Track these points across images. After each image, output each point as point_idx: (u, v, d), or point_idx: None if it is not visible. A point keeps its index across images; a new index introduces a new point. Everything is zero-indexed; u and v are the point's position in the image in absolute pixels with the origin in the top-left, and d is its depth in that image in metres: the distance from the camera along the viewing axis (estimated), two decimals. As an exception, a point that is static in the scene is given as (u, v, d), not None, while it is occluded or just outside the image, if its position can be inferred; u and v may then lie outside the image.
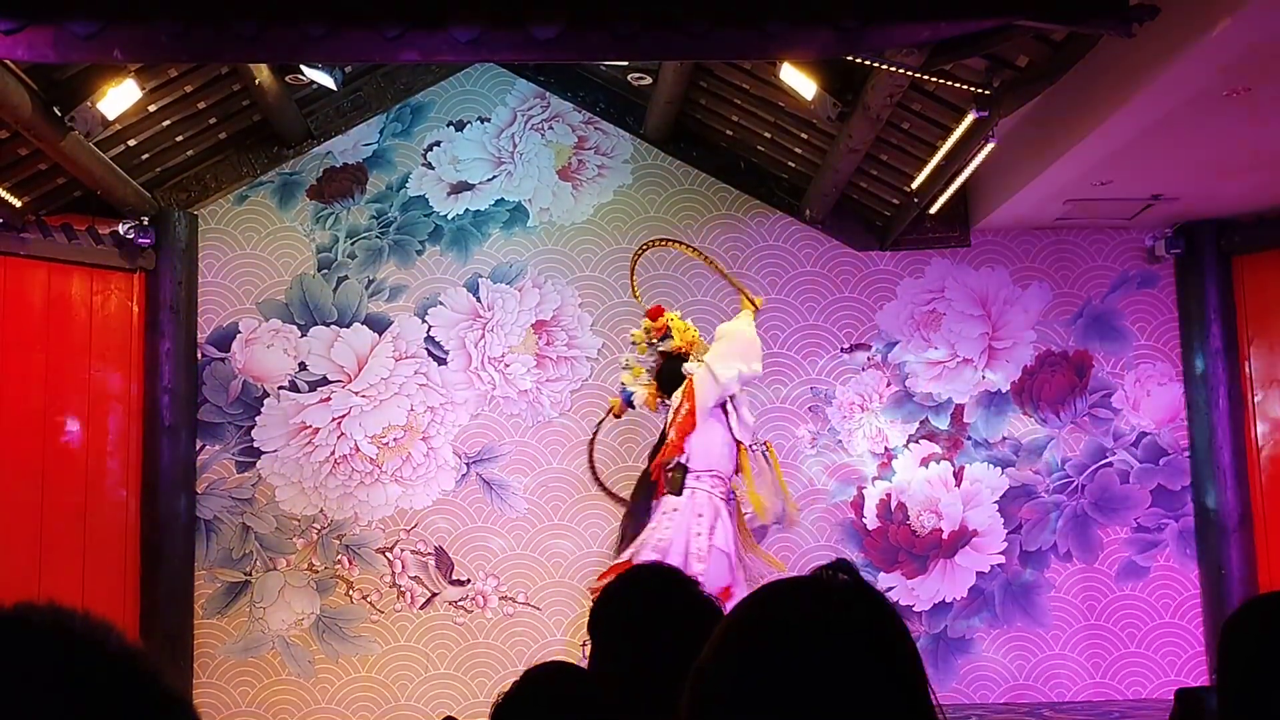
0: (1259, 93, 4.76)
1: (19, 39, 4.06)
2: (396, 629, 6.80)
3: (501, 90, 7.10)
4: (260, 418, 6.83)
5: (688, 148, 7.07)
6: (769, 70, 5.65)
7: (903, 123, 5.77)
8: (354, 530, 6.82)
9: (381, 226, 7.01)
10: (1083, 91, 5.11)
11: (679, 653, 2.11)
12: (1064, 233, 6.98)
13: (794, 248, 7.03)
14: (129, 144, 6.22)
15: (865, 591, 1.03)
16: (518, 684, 2.13)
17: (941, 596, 6.82)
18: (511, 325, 6.96)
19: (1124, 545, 6.86)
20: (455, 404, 6.89)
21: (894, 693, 0.98)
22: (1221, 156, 5.66)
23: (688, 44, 4.23)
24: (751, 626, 1.02)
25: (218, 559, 6.76)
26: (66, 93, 5.27)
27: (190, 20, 4.08)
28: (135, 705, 0.72)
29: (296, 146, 6.97)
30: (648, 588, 2.22)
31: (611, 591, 2.21)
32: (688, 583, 2.24)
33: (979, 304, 6.98)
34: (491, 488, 6.88)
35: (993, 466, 6.90)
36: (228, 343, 6.88)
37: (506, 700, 2.11)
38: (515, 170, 7.06)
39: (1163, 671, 6.78)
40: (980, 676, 6.79)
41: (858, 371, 6.94)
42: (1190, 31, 4.27)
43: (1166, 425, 6.91)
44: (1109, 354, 6.96)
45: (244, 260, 6.95)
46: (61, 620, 0.74)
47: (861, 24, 4.13)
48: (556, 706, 2.09)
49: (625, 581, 2.23)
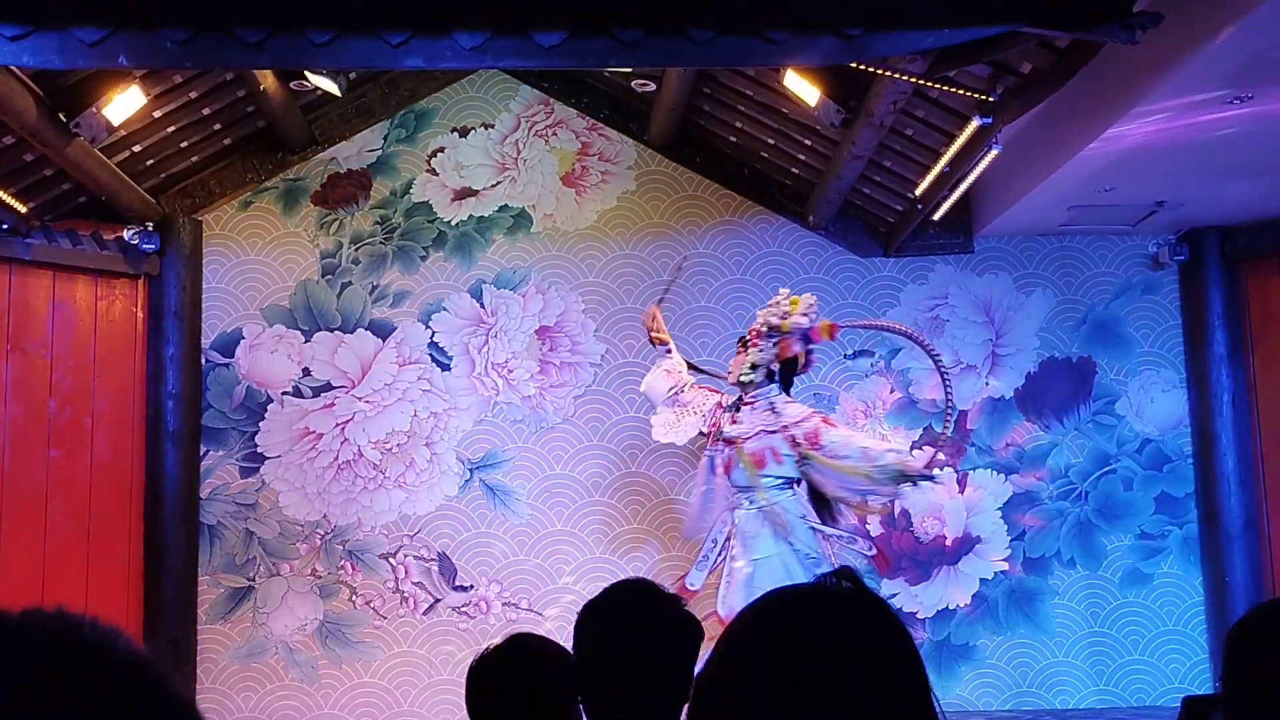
0: (1262, 99, 4.76)
1: (25, 45, 4.08)
2: (400, 635, 6.80)
3: (505, 96, 7.11)
4: (264, 423, 6.84)
5: (691, 154, 7.08)
6: (772, 77, 5.66)
7: (906, 129, 5.77)
8: (357, 536, 6.82)
9: (385, 232, 7.02)
10: (1086, 98, 5.11)
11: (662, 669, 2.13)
12: (1068, 239, 6.97)
13: (797, 254, 7.04)
14: (134, 150, 6.23)
15: (868, 599, 1.03)
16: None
17: (945, 603, 6.81)
18: (515, 331, 6.97)
19: (1128, 552, 6.85)
20: (459, 410, 6.90)
21: (897, 700, 0.98)
22: (1225, 163, 5.66)
23: (691, 51, 4.24)
24: (754, 635, 1.02)
25: (221, 564, 6.77)
26: (72, 99, 5.28)
27: (196, 27, 4.09)
28: (142, 711, 0.73)
29: (301, 152, 6.98)
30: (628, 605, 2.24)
31: (592, 611, 2.23)
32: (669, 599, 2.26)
33: (983, 310, 6.98)
34: (495, 493, 6.89)
35: (996, 473, 6.90)
36: (232, 348, 6.88)
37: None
38: (519, 176, 7.07)
39: (1166, 679, 6.77)
40: (984, 683, 6.78)
41: (861, 378, 6.94)
42: (1194, 38, 4.27)
43: (1170, 432, 6.90)
44: (1113, 360, 6.96)
45: (248, 266, 6.96)
46: (69, 626, 0.74)
47: (865, 31, 4.13)
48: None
49: (605, 600, 2.25)
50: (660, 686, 2.11)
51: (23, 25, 4.04)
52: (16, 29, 4.03)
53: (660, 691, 2.11)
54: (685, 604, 2.29)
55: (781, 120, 6.35)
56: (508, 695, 2.26)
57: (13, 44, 4.05)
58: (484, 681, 2.29)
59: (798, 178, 6.86)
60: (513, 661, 2.30)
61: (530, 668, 2.28)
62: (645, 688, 2.12)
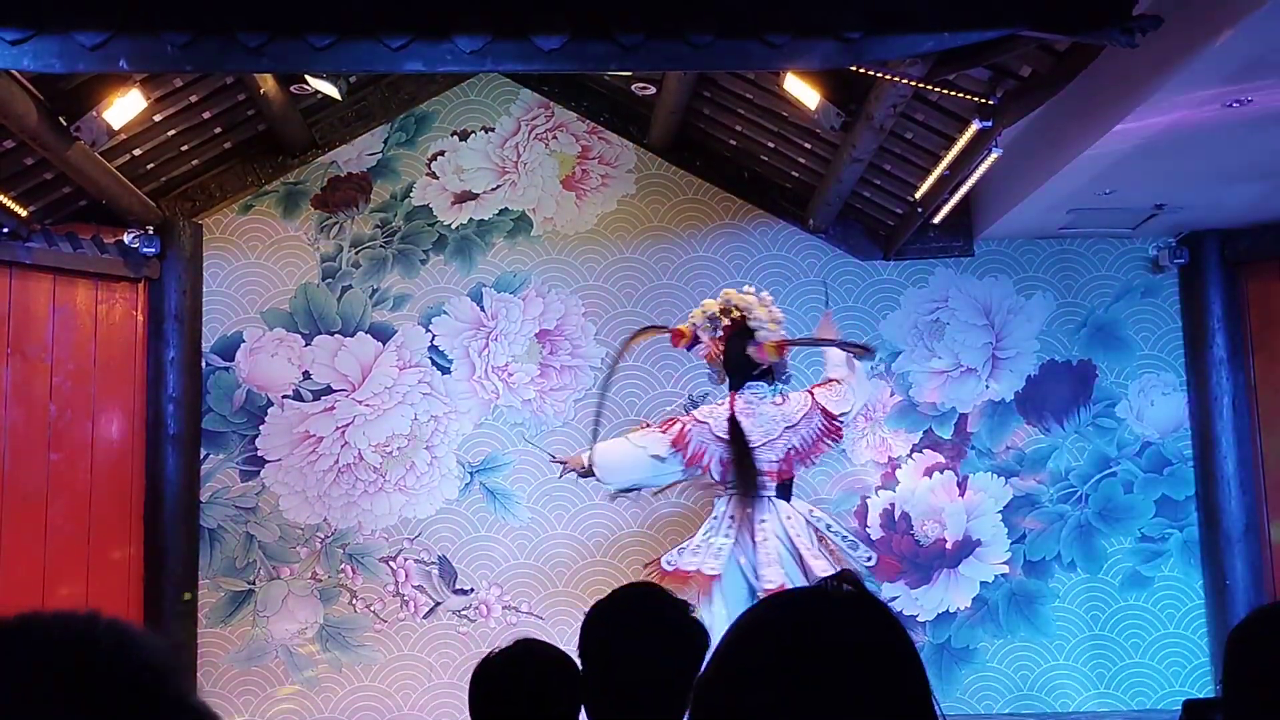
0: (1262, 102, 4.76)
1: (25, 49, 4.08)
2: (400, 638, 6.79)
3: (505, 100, 7.12)
4: (264, 427, 6.84)
5: (691, 157, 7.09)
6: (772, 80, 5.66)
7: (906, 133, 5.78)
8: (357, 539, 6.82)
9: (386, 236, 7.02)
10: (1086, 101, 5.11)
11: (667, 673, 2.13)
12: (1068, 242, 6.98)
13: (797, 257, 7.04)
14: (134, 153, 6.24)
15: (869, 602, 1.03)
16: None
17: (945, 607, 6.81)
18: (515, 334, 6.97)
19: (1128, 555, 6.85)
20: (459, 413, 6.90)
21: (898, 702, 0.98)
22: (1225, 166, 5.66)
23: (691, 55, 4.24)
24: (755, 639, 1.02)
25: (221, 568, 6.77)
26: (72, 102, 5.28)
27: (196, 31, 4.09)
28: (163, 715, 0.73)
29: (301, 156, 6.99)
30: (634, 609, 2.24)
31: (599, 614, 2.23)
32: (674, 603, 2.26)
33: (983, 313, 6.98)
34: (495, 497, 6.89)
35: (996, 476, 6.90)
36: (232, 352, 6.89)
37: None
38: (519, 180, 7.08)
39: (1167, 682, 6.77)
40: (984, 687, 6.77)
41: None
42: (1193, 41, 4.27)
43: (1171, 435, 6.90)
44: (1113, 363, 6.96)
45: (248, 269, 6.96)
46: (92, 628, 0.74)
47: (865, 35, 4.13)
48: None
49: (613, 603, 2.25)
50: (664, 690, 2.11)
51: (23, 29, 4.04)
52: (17, 33, 4.03)
53: (664, 695, 2.11)
54: (693, 610, 2.29)
55: (781, 123, 6.35)
56: (512, 700, 2.26)
57: (13, 48, 4.06)
58: (489, 686, 2.29)
59: (798, 181, 6.86)
60: (518, 666, 2.30)
61: (535, 673, 2.28)
62: (649, 691, 2.12)
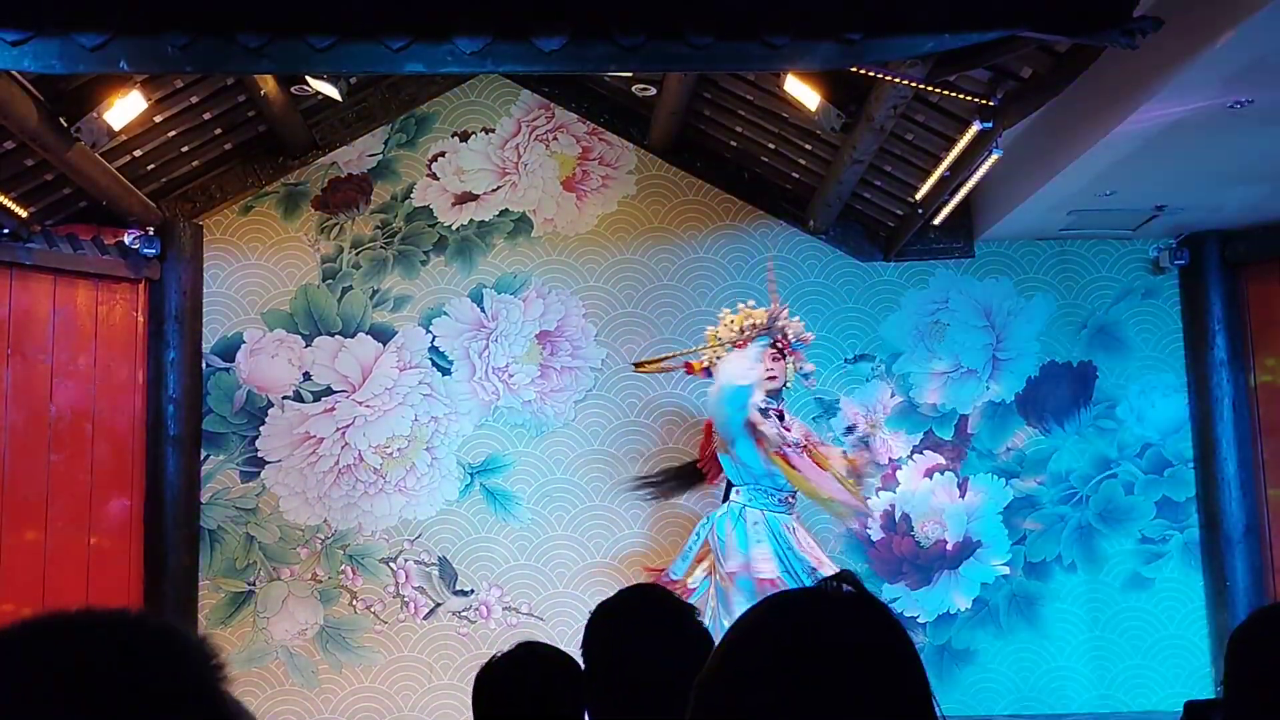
0: (1263, 104, 4.76)
1: (26, 50, 4.08)
2: (400, 639, 6.79)
3: (506, 101, 7.12)
4: (264, 428, 6.84)
5: (691, 158, 7.08)
6: (772, 81, 5.66)
7: (906, 134, 5.78)
8: (358, 540, 6.82)
9: (386, 237, 7.02)
10: (1087, 102, 5.12)
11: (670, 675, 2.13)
12: (1068, 243, 6.98)
13: (798, 259, 7.04)
14: (134, 154, 6.24)
15: (869, 603, 1.03)
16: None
17: (946, 608, 6.81)
18: (515, 336, 6.97)
19: (1129, 556, 6.84)
20: (459, 414, 6.90)
21: (898, 702, 0.98)
22: (1226, 167, 5.66)
23: (692, 56, 4.24)
24: (755, 639, 1.02)
25: (221, 569, 6.76)
26: (73, 103, 5.28)
27: (197, 32, 4.09)
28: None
29: (301, 157, 6.99)
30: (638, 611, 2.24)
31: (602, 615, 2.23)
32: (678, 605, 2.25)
33: (983, 315, 6.98)
34: (495, 498, 6.88)
35: (997, 478, 6.89)
36: (232, 353, 6.89)
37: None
38: (520, 181, 7.08)
39: (1167, 683, 6.76)
40: (985, 688, 6.77)
41: (862, 383, 6.94)
42: (1194, 43, 4.28)
43: (1171, 436, 6.90)
44: (1113, 365, 6.96)
45: (249, 270, 6.96)
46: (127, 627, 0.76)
47: (865, 36, 4.14)
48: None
49: (615, 605, 2.25)
50: (667, 692, 2.11)
51: (24, 30, 4.04)
52: (18, 34, 4.04)
53: (667, 697, 2.11)
54: (698, 613, 2.28)
55: (782, 125, 6.35)
56: (515, 702, 2.26)
57: (14, 49, 4.06)
58: (492, 689, 2.29)
59: (798, 182, 6.86)
60: (521, 669, 2.30)
61: (538, 676, 2.28)
62: (652, 693, 2.12)
